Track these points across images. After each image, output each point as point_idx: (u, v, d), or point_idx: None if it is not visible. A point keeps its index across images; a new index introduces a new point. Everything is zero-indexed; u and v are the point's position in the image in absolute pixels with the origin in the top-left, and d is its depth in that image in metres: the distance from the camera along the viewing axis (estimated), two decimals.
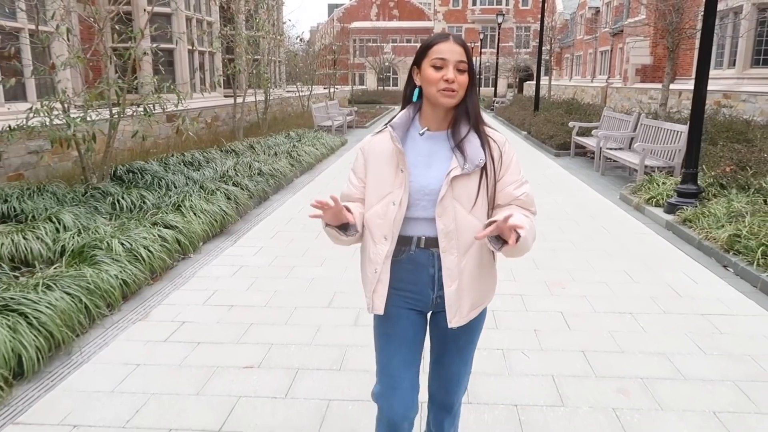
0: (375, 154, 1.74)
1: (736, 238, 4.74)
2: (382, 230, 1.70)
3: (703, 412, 2.68)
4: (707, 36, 5.75)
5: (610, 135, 9.64)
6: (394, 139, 1.68)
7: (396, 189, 1.68)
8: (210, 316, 3.80)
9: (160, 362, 3.18)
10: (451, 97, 1.63)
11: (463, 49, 1.64)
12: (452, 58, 1.62)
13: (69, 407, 2.74)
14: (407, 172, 1.67)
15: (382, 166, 1.71)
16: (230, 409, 2.73)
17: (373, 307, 1.77)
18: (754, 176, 6.05)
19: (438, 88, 1.63)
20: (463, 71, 1.64)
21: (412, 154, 1.70)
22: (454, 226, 1.66)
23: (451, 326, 1.73)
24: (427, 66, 1.64)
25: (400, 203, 1.67)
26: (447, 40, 1.64)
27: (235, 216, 6.09)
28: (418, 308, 1.79)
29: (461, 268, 1.69)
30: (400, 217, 1.68)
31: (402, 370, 1.78)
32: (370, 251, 1.75)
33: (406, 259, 1.73)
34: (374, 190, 1.73)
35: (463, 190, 1.65)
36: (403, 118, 1.73)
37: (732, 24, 14.96)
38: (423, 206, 1.68)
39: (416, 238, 1.71)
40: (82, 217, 5.10)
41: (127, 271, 4.10)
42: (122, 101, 6.48)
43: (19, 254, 4.28)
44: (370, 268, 1.75)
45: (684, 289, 4.26)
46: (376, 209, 1.72)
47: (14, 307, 3.18)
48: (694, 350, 3.30)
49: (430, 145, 1.70)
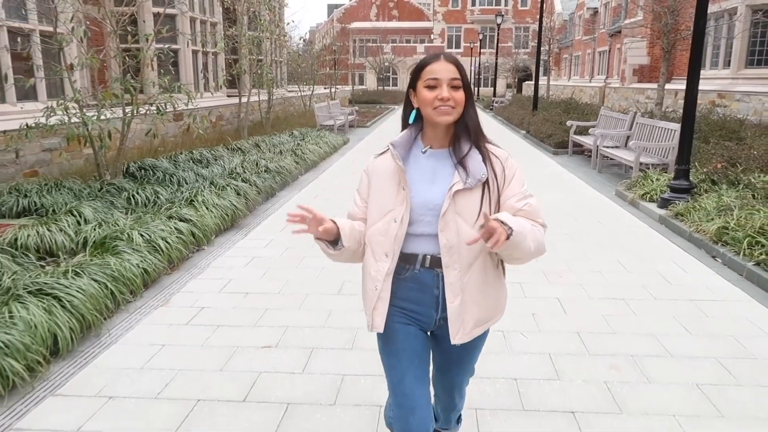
0: (378, 173, 1.76)
1: (724, 231, 4.99)
2: (383, 247, 1.71)
3: (687, 384, 2.92)
4: (698, 38, 5.99)
5: (607, 133, 9.89)
6: (395, 157, 1.70)
7: (398, 206, 1.69)
8: (227, 303, 4.04)
9: (183, 343, 3.42)
10: (448, 114, 1.65)
11: (455, 66, 1.66)
12: (445, 76, 1.64)
13: (103, 382, 2.97)
14: (408, 189, 1.68)
15: (385, 183, 1.73)
16: (252, 382, 2.96)
17: (373, 325, 1.76)
18: (744, 172, 6.29)
19: (433, 107, 1.65)
20: (457, 88, 1.66)
21: (415, 172, 1.72)
22: (457, 241, 1.66)
23: (454, 343, 1.72)
24: (422, 87, 1.67)
25: (401, 220, 1.68)
26: (438, 60, 1.67)
27: (245, 210, 6.33)
28: (422, 326, 1.80)
29: (464, 284, 1.69)
30: (401, 235, 1.69)
31: (417, 388, 1.75)
32: (371, 268, 1.76)
33: (410, 277, 1.73)
34: (376, 207, 1.75)
35: (465, 205, 1.66)
36: (405, 138, 1.75)
37: (727, 25, 15.21)
38: (427, 222, 1.69)
39: (421, 256, 1.71)
40: (100, 211, 5.33)
41: (147, 260, 4.33)
42: (134, 100, 6.71)
43: (44, 245, 4.51)
44: (371, 285, 1.75)
45: (674, 278, 4.50)
46: (378, 226, 1.73)
47: (48, 291, 3.41)
48: (681, 331, 3.54)
49: (433, 162, 1.72)
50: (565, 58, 40.25)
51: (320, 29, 65.45)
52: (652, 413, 2.68)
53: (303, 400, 2.79)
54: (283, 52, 19.81)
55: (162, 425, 2.60)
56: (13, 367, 2.83)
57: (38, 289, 3.41)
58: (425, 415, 1.74)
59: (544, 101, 21.55)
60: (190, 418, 2.65)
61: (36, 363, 2.97)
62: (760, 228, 4.70)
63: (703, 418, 2.64)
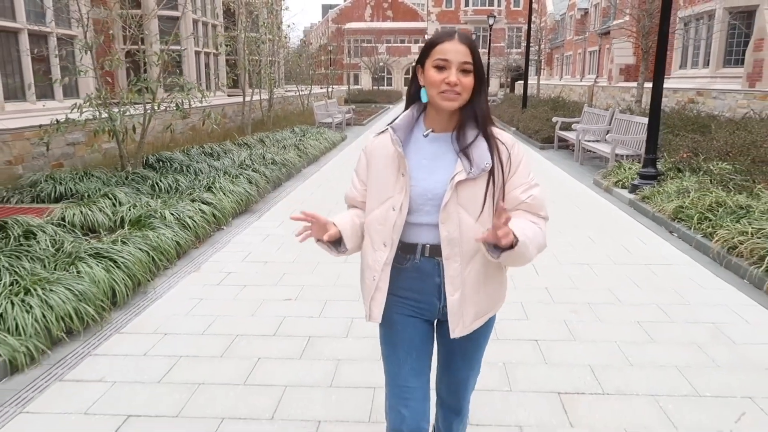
0: (376, 156, 1.68)
1: (680, 209, 5.71)
2: (381, 236, 1.65)
3: (630, 322, 3.62)
4: (662, 42, 6.71)
5: (588, 128, 10.62)
6: (395, 142, 1.62)
7: (397, 194, 1.62)
8: (250, 269, 4.72)
9: (217, 298, 4.09)
10: (453, 101, 1.56)
11: (469, 48, 1.55)
12: (456, 58, 1.54)
13: (157, 324, 3.65)
14: (408, 176, 1.61)
15: (383, 169, 1.66)
16: (279, 323, 3.64)
17: (371, 316, 1.72)
18: (705, 161, 7.02)
19: (439, 90, 1.55)
20: (468, 72, 1.55)
21: (414, 157, 1.63)
22: (458, 234, 1.59)
23: (454, 336, 1.68)
24: (430, 66, 1.57)
25: (400, 208, 1.61)
26: (451, 39, 1.55)
27: (256, 197, 7.01)
28: (425, 317, 1.74)
29: (464, 277, 1.63)
30: (400, 223, 1.62)
31: (412, 380, 1.71)
32: (369, 258, 1.70)
33: (411, 267, 1.68)
34: (375, 194, 1.68)
35: (468, 196, 1.58)
36: (406, 119, 1.67)
37: (706, 26, 15.99)
38: (427, 211, 1.62)
39: (421, 246, 1.65)
40: (130, 196, 5.99)
41: (178, 235, 5.00)
42: (154, 98, 7.37)
43: (87, 222, 5.17)
44: (369, 275, 1.70)
45: (634, 249, 5.21)
46: (376, 214, 1.67)
47: (104, 254, 4.08)
48: (632, 286, 4.25)
49: (434, 147, 1.63)
50: (557, 57, 41.01)
51: (315, 29, 66.04)
52: (599, 340, 3.38)
53: (322, 334, 3.48)
54: (280, 53, 20.47)
55: (210, 352, 3.27)
56: (87, 310, 3.50)
57: (96, 252, 4.08)
58: (420, 406, 1.70)
59: (534, 100, 22.28)
60: (231, 347, 3.33)
61: (101, 309, 3.64)
62: (709, 206, 5.42)
63: (639, 344, 3.34)
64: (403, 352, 1.72)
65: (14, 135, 7.15)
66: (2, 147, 7.00)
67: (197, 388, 2.87)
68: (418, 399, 1.70)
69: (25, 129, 7.31)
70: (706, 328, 3.53)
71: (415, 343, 1.73)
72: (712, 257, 4.85)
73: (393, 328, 1.73)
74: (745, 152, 6.82)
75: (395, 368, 1.73)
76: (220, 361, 3.16)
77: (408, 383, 1.71)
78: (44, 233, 4.46)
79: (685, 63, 17.59)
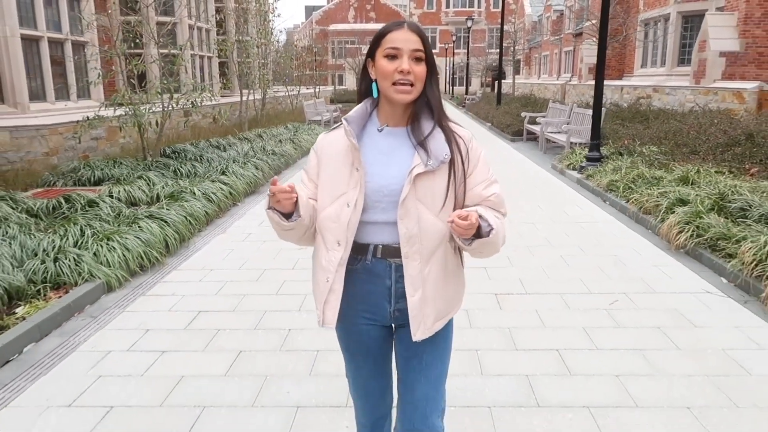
0: (329, 152, 1.62)
1: (612, 183, 7.04)
2: (334, 235, 1.58)
3: (555, 256, 4.91)
4: (601, 46, 8.04)
5: (551, 122, 11.98)
6: (349, 134, 1.56)
7: (351, 189, 1.56)
8: (266, 232, 5.91)
9: (246, 249, 5.30)
10: (407, 93, 1.52)
11: (419, 36, 1.52)
12: (407, 46, 1.51)
13: (203, 263, 4.85)
14: (363, 170, 1.55)
15: (336, 164, 1.60)
16: (292, 265, 4.86)
17: (324, 321, 1.64)
18: (640, 146, 8.38)
19: (392, 80, 1.51)
20: (420, 60, 1.52)
21: (369, 152, 1.58)
22: (417, 230, 1.54)
23: (416, 339, 1.61)
24: (381, 57, 1.54)
25: (355, 205, 1.55)
26: (401, 28, 1.53)
27: (263, 179, 8.21)
28: (377, 322, 1.68)
29: (425, 276, 1.58)
30: (354, 220, 1.56)
31: (371, 381, 1.75)
32: (322, 258, 1.63)
33: (361, 268, 1.61)
34: (328, 190, 1.61)
35: (427, 190, 1.54)
36: (359, 112, 1.62)
37: (663, 28, 17.49)
38: (382, 209, 1.57)
39: (372, 246, 1.59)
40: (159, 178, 7.16)
41: (206, 206, 6.19)
42: (171, 97, 8.54)
43: (130, 198, 6.34)
44: (322, 276, 1.63)
45: (572, 213, 6.53)
46: (329, 212, 1.60)
47: (156, 216, 5.27)
48: (563, 236, 5.55)
49: (389, 141, 1.59)
50: (535, 57, 42.59)
51: (299, 31, 67.01)
52: (530, 267, 4.66)
53: None
54: (270, 56, 21.62)
55: (249, 277, 4.49)
56: (152, 253, 4.69)
57: (150, 215, 5.27)
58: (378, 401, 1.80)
59: (508, 98, 23.69)
60: (263, 277, 4.55)
61: (160, 254, 4.83)
62: (633, 179, 6.76)
63: (558, 267, 4.62)
64: (361, 359, 1.72)
65: (50, 130, 8.26)
66: (41, 140, 8.12)
67: (242, 298, 4.09)
68: (377, 396, 1.79)
69: (59, 125, 8.43)
70: (608, 258, 4.84)
71: (372, 349, 1.71)
72: (629, 216, 6.18)
73: (347, 334, 1.71)
74: (671, 137, 8.19)
75: (354, 371, 1.77)
76: (257, 283, 4.38)
77: (368, 383, 1.76)
78: (104, 203, 5.63)
79: (646, 62, 19.12)
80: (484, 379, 2.91)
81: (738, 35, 13.07)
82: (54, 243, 4.43)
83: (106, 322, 3.72)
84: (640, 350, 3.20)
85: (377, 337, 1.70)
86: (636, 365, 3.04)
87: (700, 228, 4.75)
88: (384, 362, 1.76)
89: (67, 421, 2.62)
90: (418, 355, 1.68)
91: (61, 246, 4.38)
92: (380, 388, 1.78)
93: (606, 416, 2.59)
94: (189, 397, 2.80)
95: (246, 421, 2.60)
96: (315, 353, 3.22)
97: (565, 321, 3.63)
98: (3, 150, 7.77)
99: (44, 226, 5.18)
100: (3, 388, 2.92)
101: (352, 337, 1.70)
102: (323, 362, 3.11)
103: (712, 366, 3.02)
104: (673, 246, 4.94)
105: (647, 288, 4.16)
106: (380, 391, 1.78)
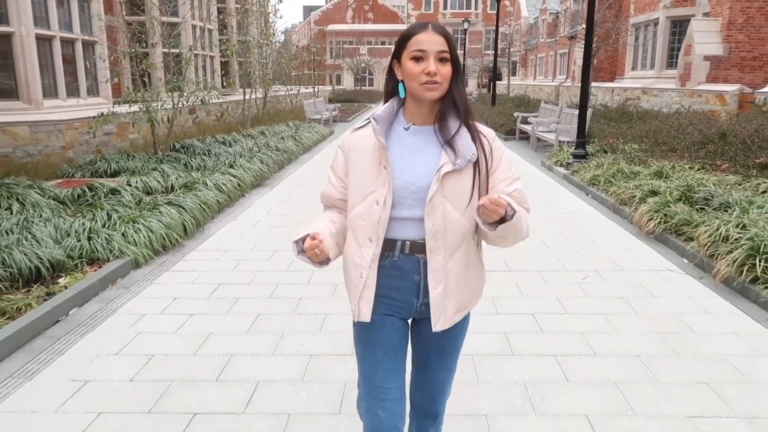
0: (356, 150, 1.67)
1: (595, 177, 7.56)
2: (366, 232, 1.64)
3: (538, 242, 5.42)
4: (587, 50, 8.56)
5: (542, 121, 12.51)
6: (377, 132, 1.61)
7: (379, 187, 1.61)
8: (274, 220, 6.43)
9: (256, 234, 5.80)
10: (435, 90, 1.55)
11: (444, 37, 1.56)
12: (432, 48, 1.54)
13: (219, 245, 5.35)
14: (390, 168, 1.59)
15: (364, 163, 1.64)
16: None
17: (359, 315, 1.69)
18: (623, 144, 8.91)
19: (420, 81, 1.55)
20: (445, 61, 1.56)
21: (396, 150, 1.63)
22: (443, 226, 1.59)
23: (436, 330, 1.67)
24: (407, 59, 1.57)
25: (384, 202, 1.60)
26: (426, 30, 1.57)
27: (268, 173, 8.71)
28: (401, 315, 1.73)
29: (447, 270, 1.63)
30: (384, 218, 1.61)
31: (388, 380, 1.72)
32: (354, 254, 1.68)
33: (390, 264, 1.66)
34: (356, 189, 1.66)
35: (453, 188, 1.58)
36: (387, 111, 1.66)
37: (652, 33, 18.07)
38: (409, 205, 1.61)
39: (400, 242, 1.64)
40: (172, 170, 7.65)
41: (218, 196, 6.69)
42: (180, 95, 9.02)
43: (146, 188, 6.82)
44: (356, 272, 1.68)
45: (557, 205, 7.05)
46: (359, 210, 1.65)
47: (174, 202, 5.76)
48: (546, 224, 6.06)
49: (416, 140, 1.63)
50: (531, 59, 43.17)
51: (297, 31, 67.46)
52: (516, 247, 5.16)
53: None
54: (270, 57, 22.11)
55: (260, 257, 4.99)
56: (172, 234, 5.18)
57: (168, 201, 5.76)
58: (395, 407, 1.72)
59: (503, 98, 24.23)
60: (274, 256, 5.04)
61: (179, 236, 5.32)
62: (613, 174, 7.29)
63: (538, 251, 5.13)
64: (381, 353, 1.73)
65: (67, 125, 8.73)
66: (58, 135, 8.59)
67: (257, 273, 4.59)
68: (394, 400, 1.72)
69: (75, 120, 8.90)
70: (585, 243, 5.36)
71: (394, 342, 1.73)
72: (608, 207, 6.71)
73: (372, 327, 1.71)
74: (651, 136, 8.73)
75: (371, 368, 1.74)
76: (269, 261, 4.88)
77: (384, 384, 1.72)
78: (125, 191, 6.12)
79: (636, 65, 19.69)
80: (469, 335, 3.41)
81: (722, 40, 13.65)
82: (84, 225, 4.92)
83: (137, 292, 4.21)
84: (604, 314, 3.72)
85: (400, 330, 1.75)
86: (599, 325, 3.56)
87: (667, 216, 5.27)
88: (401, 361, 1.77)
89: (117, 365, 3.12)
90: (439, 346, 1.78)
91: (92, 227, 4.87)
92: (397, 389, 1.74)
93: (569, 362, 3.10)
94: (218, 347, 3.30)
95: (269, 364, 3.11)
96: (324, 316, 3.73)
97: (541, 293, 4.14)
98: (23, 143, 8.25)
99: (71, 212, 5.67)
100: (57, 340, 3.41)
101: (376, 329, 1.72)
102: (331, 323, 3.62)
103: (664, 326, 3.54)
104: (644, 232, 5.47)
105: (616, 266, 4.68)
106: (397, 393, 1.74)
